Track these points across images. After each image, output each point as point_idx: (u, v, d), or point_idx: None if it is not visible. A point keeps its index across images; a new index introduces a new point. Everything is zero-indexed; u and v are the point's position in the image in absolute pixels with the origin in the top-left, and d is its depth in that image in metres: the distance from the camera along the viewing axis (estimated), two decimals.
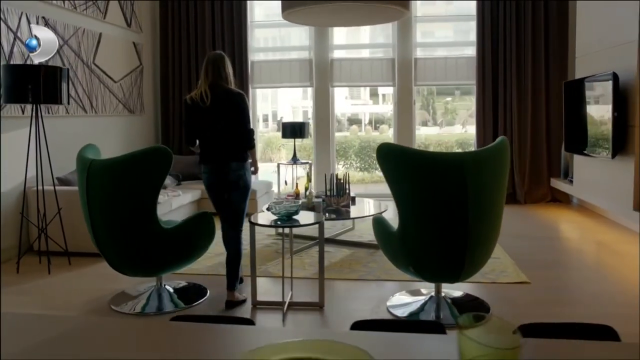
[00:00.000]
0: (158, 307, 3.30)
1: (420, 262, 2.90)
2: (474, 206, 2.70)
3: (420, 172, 2.72)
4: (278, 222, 3.06)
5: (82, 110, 5.42)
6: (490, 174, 2.75)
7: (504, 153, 2.84)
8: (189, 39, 6.97)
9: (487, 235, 2.82)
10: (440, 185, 2.70)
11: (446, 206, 2.72)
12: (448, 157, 2.72)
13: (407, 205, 2.80)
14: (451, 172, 2.68)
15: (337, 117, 10.60)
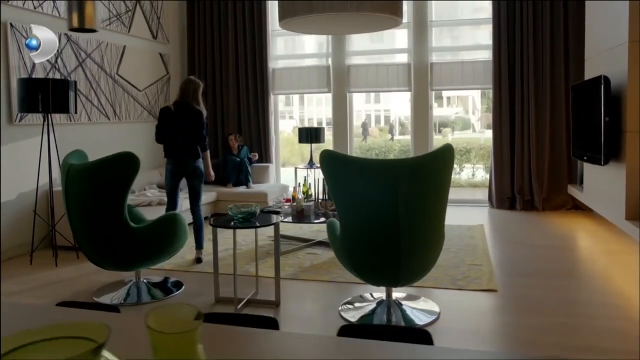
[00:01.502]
0: (137, 299, 3.59)
1: (360, 266, 2.99)
2: (406, 213, 2.76)
3: (355, 178, 2.81)
4: (236, 223, 3.26)
5: (104, 118, 5.88)
6: (426, 182, 2.79)
7: (445, 161, 2.87)
8: (214, 50, 7.34)
9: (423, 242, 2.87)
10: (373, 192, 2.78)
11: (379, 212, 2.80)
12: (381, 165, 2.80)
13: (345, 210, 2.90)
14: (384, 179, 2.75)
15: (401, 120, 10.63)
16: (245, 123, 7.33)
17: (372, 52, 7.40)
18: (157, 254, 3.52)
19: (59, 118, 5.22)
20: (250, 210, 3.29)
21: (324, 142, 7.12)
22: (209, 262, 4.43)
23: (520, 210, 6.46)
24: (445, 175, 2.87)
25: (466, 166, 9.62)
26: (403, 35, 7.06)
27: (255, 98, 7.28)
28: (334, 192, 2.91)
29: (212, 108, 7.43)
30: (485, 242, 4.89)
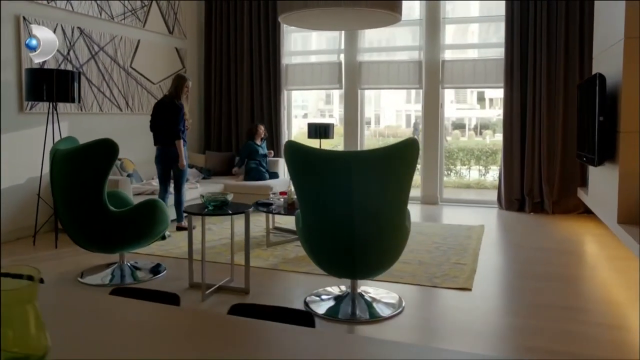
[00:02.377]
0: (120, 281, 3.73)
1: (319, 257, 3.02)
2: (359, 205, 2.77)
3: (312, 170, 2.84)
4: (205, 210, 3.34)
5: (116, 109, 6.10)
6: (381, 174, 2.79)
7: (402, 155, 2.85)
8: (229, 45, 7.48)
9: (378, 235, 2.87)
10: (328, 183, 2.81)
11: (334, 204, 2.82)
12: (334, 156, 2.81)
13: (304, 202, 2.94)
14: (337, 170, 2.77)
15: None
16: (258, 118, 7.44)
17: (383, 49, 7.36)
18: (137, 238, 3.65)
19: (70, 107, 5.46)
20: (223, 199, 3.36)
21: (332, 138, 7.15)
22: (195, 250, 4.54)
23: (529, 213, 6.30)
24: (403, 169, 2.85)
25: (492, 168, 9.44)
26: (415, 32, 6.99)
27: (268, 93, 7.38)
28: (295, 183, 2.95)
29: (226, 102, 7.58)
30: (479, 243, 4.80)
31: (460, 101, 9.94)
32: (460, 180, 9.81)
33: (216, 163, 7.17)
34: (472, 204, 6.94)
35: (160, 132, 5.00)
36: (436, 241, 4.85)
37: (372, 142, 10.44)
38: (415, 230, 5.29)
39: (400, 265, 4.06)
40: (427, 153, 6.96)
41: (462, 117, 10.29)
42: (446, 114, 7.15)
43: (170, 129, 4.91)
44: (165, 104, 4.97)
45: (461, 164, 10.03)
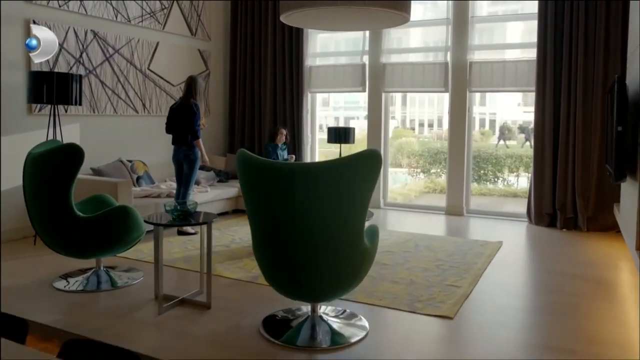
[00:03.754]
0: (97, 286, 3.67)
1: (269, 275, 2.80)
2: (303, 222, 2.53)
3: (258, 181, 2.63)
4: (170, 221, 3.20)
5: (132, 111, 6.13)
6: (332, 189, 2.53)
7: (360, 168, 2.58)
8: (254, 47, 7.37)
9: (327, 255, 2.60)
10: (272, 197, 2.58)
11: (277, 219, 2.59)
12: (278, 168, 2.58)
13: (252, 216, 2.72)
14: (282, 183, 2.54)
15: (507, 124, 10.21)
16: (281, 121, 7.29)
17: (408, 51, 6.99)
18: (108, 245, 3.58)
19: (82, 109, 5.53)
20: (184, 209, 3.21)
21: (353, 143, 6.88)
22: (186, 256, 4.44)
23: (560, 229, 5.75)
24: (358, 184, 2.58)
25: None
26: (442, 33, 6.58)
27: (291, 96, 7.21)
28: (244, 196, 2.74)
29: (249, 104, 7.48)
30: (488, 263, 4.39)
31: (528, 104, 9.46)
32: (507, 189, 9.26)
33: (235, 166, 7.08)
34: (501, 217, 6.44)
35: (175, 133, 5.14)
36: (440, 258, 4.48)
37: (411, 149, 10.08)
38: (423, 245, 4.93)
39: (387, 284, 3.76)
40: (453, 160, 6.53)
41: (529, 121, 9.81)
42: (512, 117, 6.69)
43: (185, 130, 5.01)
44: (182, 105, 5.08)
45: (509, 171, 9.48)
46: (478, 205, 7.90)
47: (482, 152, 9.44)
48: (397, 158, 10.34)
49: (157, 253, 3.37)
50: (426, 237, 5.25)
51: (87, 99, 5.58)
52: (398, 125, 10.20)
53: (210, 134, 7.45)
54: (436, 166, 9.61)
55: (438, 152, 9.55)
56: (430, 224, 6.08)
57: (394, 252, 4.68)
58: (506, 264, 4.41)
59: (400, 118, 10.48)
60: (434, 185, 9.60)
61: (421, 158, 10.18)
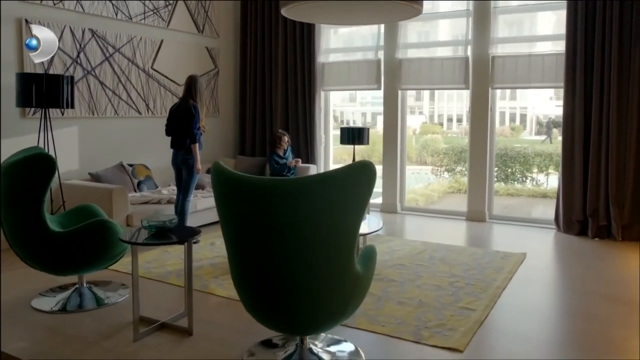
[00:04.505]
0: (79, 305, 3.41)
1: (246, 302, 2.46)
2: (280, 246, 2.18)
3: (232, 198, 2.29)
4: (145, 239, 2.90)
5: (135, 112, 5.88)
6: (314, 209, 2.17)
7: (348, 183, 2.21)
8: (264, 44, 7.04)
9: (307, 283, 2.25)
10: (247, 216, 2.24)
11: (252, 242, 2.25)
12: (253, 184, 2.23)
13: (227, 236, 2.39)
14: (257, 201, 2.20)
15: (539, 118, 9.80)
16: (293, 121, 6.95)
17: (426, 45, 6.54)
18: (86, 262, 3.30)
19: (80, 111, 5.30)
20: (160, 224, 2.90)
21: (367, 144, 6.49)
22: (180, 270, 4.15)
23: (592, 238, 5.26)
24: (344, 202, 2.21)
25: None
26: (462, 25, 6.13)
27: (303, 94, 6.87)
28: (219, 213, 2.41)
29: (260, 104, 7.16)
30: (509, 279, 3.96)
31: (560, 97, 9.00)
32: (536, 189, 8.77)
33: (246, 169, 6.78)
34: (526, 223, 5.96)
35: (173, 136, 4.89)
36: (456, 273, 4.08)
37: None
38: (438, 257, 4.53)
39: (393, 306, 3.38)
40: (474, 161, 6.09)
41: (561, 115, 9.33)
42: (543, 111, 6.24)
43: (184, 133, 4.74)
44: (180, 107, 4.79)
45: (538, 170, 8.97)
46: (505, 206, 7.43)
47: (509, 150, 8.95)
48: (423, 155, 9.96)
49: (134, 274, 3.08)
50: (443, 248, 4.84)
51: (86, 101, 5.35)
52: (426, 120, 9.88)
53: (220, 135, 7.17)
54: (461, 164, 9.18)
55: (463, 150, 9.09)
56: (449, 231, 5.66)
57: (406, 265, 4.29)
58: (529, 281, 3.97)
59: (428, 113, 10.17)
60: (458, 185, 9.16)
61: (445, 156, 9.76)
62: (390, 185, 6.64)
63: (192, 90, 4.77)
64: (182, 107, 4.76)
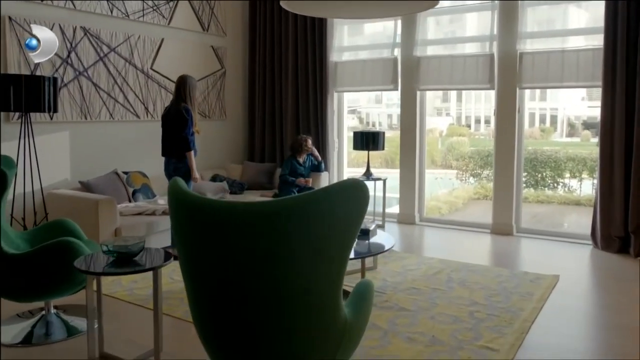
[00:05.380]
0: (45, 335, 3.02)
1: (206, 348, 2.00)
2: (238, 281, 1.73)
3: (188, 224, 1.84)
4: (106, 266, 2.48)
5: (133, 116, 5.51)
6: (293, 239, 1.71)
7: (340, 206, 1.74)
8: (274, 42, 6.61)
9: (280, 332, 1.78)
10: (205, 247, 1.79)
11: (211, 279, 1.80)
12: (215, 207, 1.77)
13: (184, 265, 1.94)
14: (217, 229, 1.75)
15: (571, 120, 9.30)
16: (304, 124, 6.50)
17: (446, 41, 6.00)
18: (49, 288, 2.90)
19: (71, 115, 4.95)
20: (125, 250, 2.47)
21: (382, 150, 6.00)
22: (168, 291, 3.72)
23: (635, 257, 4.65)
24: (324, 232, 1.74)
25: None
26: (486, 19, 5.57)
27: (314, 95, 6.41)
28: (176, 238, 1.96)
29: (270, 105, 6.73)
30: (539, 309, 3.42)
31: (593, 98, 8.44)
32: (569, 196, 8.15)
33: (254, 175, 6.35)
34: (559, 238, 5.36)
35: (163, 143, 4.45)
36: (477, 300, 3.55)
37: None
38: (458, 278, 4.01)
39: (400, 343, 2.89)
40: (500, 169, 5.53)
41: (594, 116, 8.74)
42: (575, 112, 5.69)
43: (175, 139, 4.32)
44: (171, 111, 4.37)
45: (571, 175, 8.34)
46: (534, 215, 6.84)
47: (539, 153, 8.35)
48: (448, 159, 9.49)
49: (97, 307, 2.66)
50: (464, 267, 4.31)
51: (78, 104, 5.00)
52: (453, 122, 9.45)
53: (227, 139, 6.76)
54: (488, 169, 8.62)
55: (490, 154, 8.52)
56: (471, 246, 5.11)
57: (420, 289, 3.78)
58: (562, 310, 3.42)
59: (455, 115, 9.76)
60: (484, 191, 8.60)
61: (471, 160, 9.22)
62: (408, 193, 6.13)
63: (183, 92, 4.35)
64: (173, 111, 4.35)
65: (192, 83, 4.41)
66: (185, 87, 4.37)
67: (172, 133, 4.34)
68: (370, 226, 4.14)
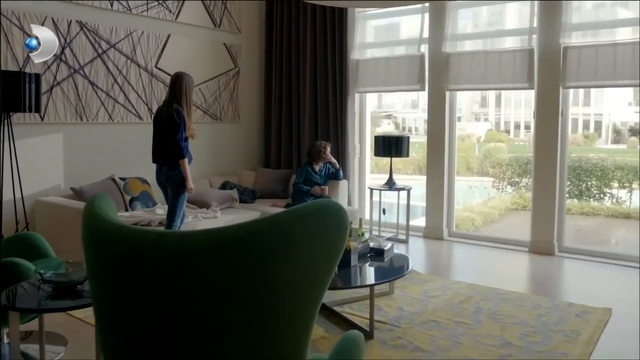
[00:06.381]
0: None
1: None
2: (159, 327, 1.21)
3: (100, 257, 1.35)
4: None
5: (135, 117, 5.11)
6: (243, 283, 1.19)
7: (309, 235, 1.22)
8: (291, 40, 6.13)
9: None
10: (120, 282, 1.29)
11: (127, 315, 1.29)
12: (135, 236, 1.27)
13: (95, 302, 1.44)
14: (129, 264, 1.24)
15: (616, 126, 8.63)
16: (323, 127, 5.98)
17: (478, 36, 5.39)
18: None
19: (65, 116, 4.58)
20: (66, 279, 2.00)
21: (407, 157, 5.43)
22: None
23: None
24: (283, 273, 1.21)
25: None
26: (524, 10, 4.93)
27: (334, 96, 5.89)
28: (87, 270, 1.47)
29: (287, 109, 6.24)
30: (588, 354, 2.79)
31: None
32: (617, 208, 7.39)
33: (268, 183, 5.87)
34: (608, 260, 4.66)
35: (155, 147, 3.99)
36: (510, 340, 2.94)
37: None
38: (487, 310, 3.39)
39: None
40: (539, 178, 4.87)
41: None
42: (621, 118, 5.04)
43: (166, 144, 3.84)
44: (163, 113, 3.91)
45: (619, 185, 7.58)
46: (579, 228, 6.15)
47: (583, 161, 7.62)
48: (484, 166, 8.89)
49: (40, 343, 2.20)
50: (495, 295, 3.69)
51: (72, 104, 4.62)
52: (492, 127, 8.94)
53: (240, 144, 6.31)
54: (527, 177, 7.94)
55: (529, 161, 7.83)
56: (506, 268, 4.48)
57: (441, 322, 3.19)
58: (617, 354, 2.77)
59: (494, 120, 9.22)
60: (523, 201, 7.91)
61: (509, 168, 8.54)
62: (435, 205, 5.51)
63: (178, 91, 3.87)
64: (164, 113, 3.89)
65: (188, 81, 3.94)
66: (181, 85, 3.87)
67: (162, 138, 3.88)
68: (385, 245, 3.60)
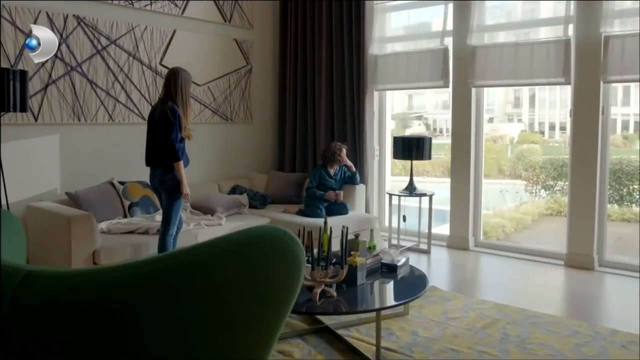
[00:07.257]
0: None
1: None
2: None
3: None
4: None
5: (137, 117, 4.83)
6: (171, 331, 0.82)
7: (242, 280, 0.84)
8: (306, 36, 5.76)
9: None
10: None
11: None
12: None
13: None
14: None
15: None
16: (340, 128, 5.59)
17: (507, 27, 4.90)
18: None
19: (61, 117, 4.32)
20: None
21: (429, 159, 5.00)
22: None
23: None
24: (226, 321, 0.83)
25: None
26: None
27: (351, 94, 5.49)
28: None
29: (302, 108, 5.87)
30: None
31: None
32: None
33: (281, 187, 5.51)
34: None
35: (148, 149, 3.73)
36: None
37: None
38: (516, 337, 2.95)
39: None
40: (576, 180, 4.38)
41: None
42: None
43: (160, 146, 3.56)
44: (156, 112, 3.62)
45: None
46: (619, 237, 5.65)
47: (625, 164, 7.04)
48: (517, 168, 8.42)
49: None
50: (526, 318, 3.23)
51: (69, 104, 4.37)
52: (525, 129, 8.50)
53: (253, 146, 5.97)
54: (562, 180, 7.41)
55: (564, 164, 7.27)
56: (539, 285, 4.00)
57: (461, 352, 2.76)
58: None
59: (527, 121, 8.80)
60: (558, 207, 7.36)
61: (543, 170, 8.01)
62: (461, 211, 5.06)
63: (173, 88, 3.57)
64: (158, 112, 3.58)
65: (184, 77, 3.63)
66: (176, 81, 3.58)
67: (156, 139, 3.59)
68: (399, 259, 3.20)
